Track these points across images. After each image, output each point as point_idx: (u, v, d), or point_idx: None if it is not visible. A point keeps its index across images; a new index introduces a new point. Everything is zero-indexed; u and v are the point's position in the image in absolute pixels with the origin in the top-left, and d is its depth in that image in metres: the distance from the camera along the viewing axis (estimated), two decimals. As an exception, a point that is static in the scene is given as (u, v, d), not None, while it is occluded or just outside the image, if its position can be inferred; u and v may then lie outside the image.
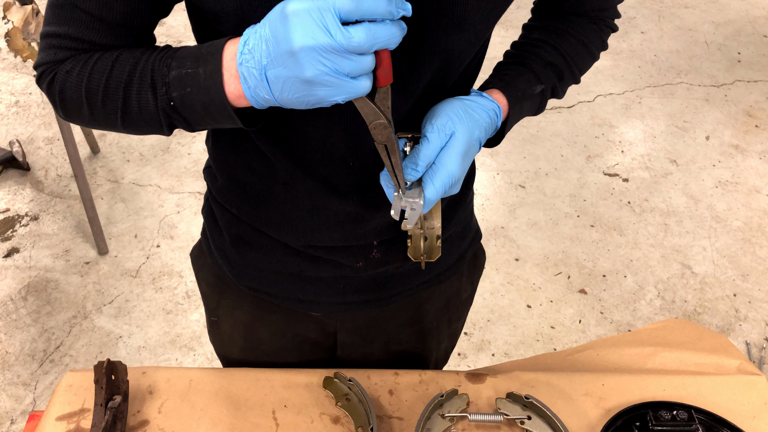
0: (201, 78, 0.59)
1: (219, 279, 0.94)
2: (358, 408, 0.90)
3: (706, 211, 2.56)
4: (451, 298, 1.00)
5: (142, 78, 0.62)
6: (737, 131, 2.95)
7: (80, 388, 0.92)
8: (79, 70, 0.64)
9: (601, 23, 0.85)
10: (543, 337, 2.10)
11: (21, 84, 3.00)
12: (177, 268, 2.25)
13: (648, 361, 1.03)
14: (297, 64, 0.52)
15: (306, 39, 0.51)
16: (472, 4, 0.65)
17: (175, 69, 0.60)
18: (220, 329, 1.02)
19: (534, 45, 0.82)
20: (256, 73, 0.55)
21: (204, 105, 0.60)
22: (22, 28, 1.78)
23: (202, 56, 0.60)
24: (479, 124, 0.70)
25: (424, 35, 0.65)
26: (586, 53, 0.84)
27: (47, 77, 0.68)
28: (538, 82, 0.79)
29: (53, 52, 0.66)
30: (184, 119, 0.63)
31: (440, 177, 0.67)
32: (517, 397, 0.91)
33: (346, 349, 1.00)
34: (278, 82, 0.55)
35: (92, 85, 0.64)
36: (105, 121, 0.67)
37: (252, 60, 0.55)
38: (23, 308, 2.11)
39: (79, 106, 0.66)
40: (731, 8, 3.80)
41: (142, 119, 0.64)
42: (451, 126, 0.67)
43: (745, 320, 2.18)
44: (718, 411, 0.92)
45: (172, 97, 0.61)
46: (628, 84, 3.21)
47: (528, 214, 2.51)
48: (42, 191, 2.51)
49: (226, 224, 0.88)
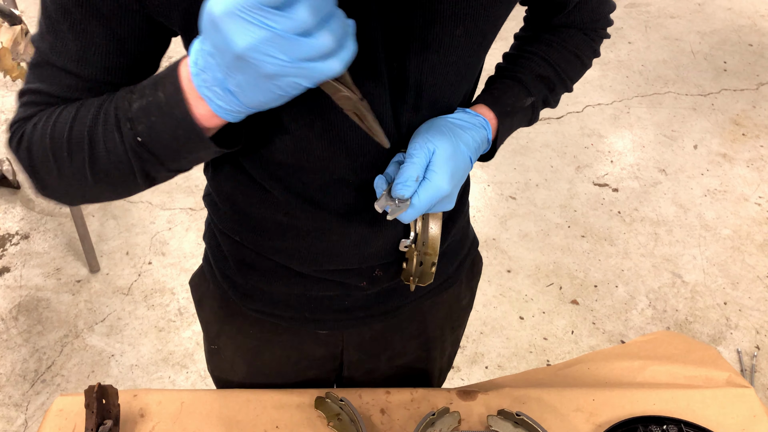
0: (162, 102, 0.55)
1: (223, 304, 0.94)
2: (349, 428, 0.90)
3: (695, 220, 2.58)
4: (452, 305, 1.01)
5: (106, 119, 0.58)
6: (724, 140, 2.98)
7: (71, 413, 0.92)
8: (44, 122, 0.62)
9: (592, 33, 0.85)
10: (536, 348, 2.11)
11: (10, 102, 3.00)
12: (169, 285, 2.24)
13: (638, 375, 1.03)
14: (250, 65, 0.48)
15: (246, 39, 0.46)
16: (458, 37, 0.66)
17: (136, 101, 0.57)
18: (221, 356, 1.01)
19: (524, 57, 0.82)
20: (219, 90, 0.52)
21: (172, 131, 0.56)
22: (11, 48, 1.79)
23: (159, 81, 0.56)
24: (464, 138, 0.70)
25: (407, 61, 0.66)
26: (578, 62, 0.84)
27: (17, 136, 0.65)
28: (528, 95, 0.80)
29: (24, 109, 0.65)
30: (155, 156, 0.58)
31: (426, 190, 0.67)
32: (508, 414, 0.91)
33: (352, 368, 1.00)
34: (242, 90, 0.51)
35: (56, 134, 0.60)
36: (74, 177, 0.62)
37: (209, 78, 0.52)
38: (14, 328, 2.09)
39: (46, 161, 0.62)
40: (716, 18, 3.84)
41: (112, 166, 0.60)
42: (433, 143, 0.68)
43: (735, 328, 2.19)
44: (708, 424, 0.92)
45: (138, 131, 0.57)
46: (617, 94, 3.24)
47: (519, 225, 2.52)
48: (32, 209, 2.50)
49: (230, 250, 0.88)
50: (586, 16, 0.83)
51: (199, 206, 2.54)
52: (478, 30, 0.66)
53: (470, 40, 0.67)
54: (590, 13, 0.83)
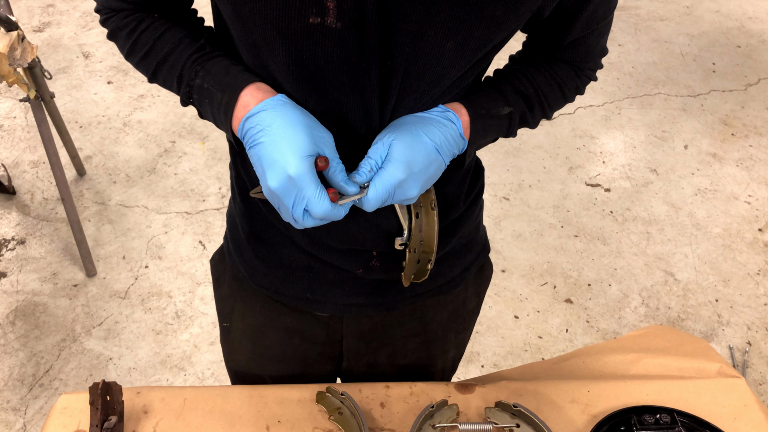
0: (216, 102, 0.72)
1: (236, 281, 0.99)
2: (350, 421, 0.92)
3: (686, 219, 2.62)
4: (457, 308, 1.03)
5: (173, 66, 0.75)
6: (714, 140, 3.02)
7: (75, 410, 0.93)
8: (127, 34, 0.77)
9: (580, 72, 0.87)
10: (531, 347, 2.13)
11: (5, 108, 3.00)
12: (166, 289, 2.25)
13: (632, 367, 1.06)
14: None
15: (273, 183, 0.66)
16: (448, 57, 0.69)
17: (200, 79, 0.73)
18: (231, 335, 1.05)
19: (508, 73, 0.85)
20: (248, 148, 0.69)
21: (213, 116, 0.74)
22: (8, 53, 1.80)
23: (224, 85, 0.71)
24: (428, 130, 0.71)
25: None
26: (559, 92, 0.86)
27: (109, 24, 0.80)
28: (506, 104, 0.81)
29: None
30: (197, 109, 0.77)
31: (380, 177, 0.69)
32: (505, 406, 0.93)
33: (351, 359, 1.02)
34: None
35: (135, 50, 0.78)
36: (139, 68, 0.80)
37: (247, 144, 0.69)
38: (11, 333, 2.10)
39: (126, 55, 0.80)
40: (705, 20, 3.89)
41: (166, 86, 0.79)
42: (391, 135, 0.70)
43: (727, 325, 2.22)
44: (700, 413, 0.95)
45: (192, 96, 0.75)
46: (608, 96, 3.27)
47: (513, 225, 2.55)
48: (28, 215, 2.51)
49: (242, 220, 0.92)
50: (581, 54, 0.85)
51: (195, 210, 2.55)
52: (468, 46, 0.68)
53: (461, 53, 0.69)
54: (585, 53, 0.85)
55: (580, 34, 0.80)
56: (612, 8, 0.79)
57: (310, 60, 0.67)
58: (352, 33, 0.64)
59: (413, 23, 0.64)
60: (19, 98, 2.44)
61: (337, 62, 0.67)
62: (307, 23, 0.64)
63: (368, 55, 0.66)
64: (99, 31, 3.51)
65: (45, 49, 3.34)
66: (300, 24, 0.64)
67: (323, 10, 0.63)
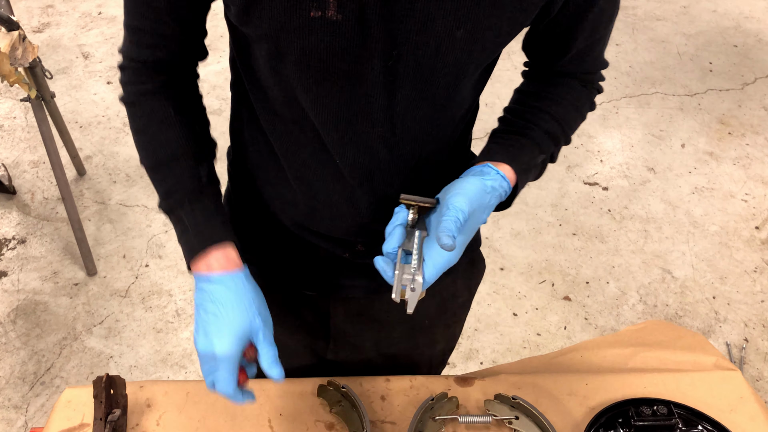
0: (187, 239, 0.78)
1: None
2: (351, 414, 0.93)
3: (683, 217, 2.63)
4: (446, 300, 1.04)
5: (164, 179, 0.80)
6: (711, 138, 3.04)
7: (79, 404, 0.94)
8: (138, 121, 0.81)
9: (590, 86, 0.87)
10: (529, 344, 2.14)
11: (5, 108, 3.01)
12: (166, 287, 2.26)
13: (629, 361, 1.07)
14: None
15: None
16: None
17: (184, 211, 0.79)
18: None
19: (531, 113, 0.84)
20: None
21: (180, 243, 0.80)
22: (9, 53, 1.81)
23: (200, 233, 0.77)
24: (488, 208, 0.74)
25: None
26: (578, 116, 0.87)
27: (129, 94, 0.82)
28: (540, 153, 0.82)
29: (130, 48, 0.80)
30: (168, 218, 0.82)
31: (432, 262, 0.71)
32: (504, 398, 0.94)
33: (338, 339, 1.03)
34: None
35: (140, 142, 0.82)
36: (136, 146, 0.84)
37: (198, 299, 0.77)
38: (12, 331, 2.11)
39: (132, 133, 0.84)
40: (702, 20, 3.91)
41: (149, 176, 0.83)
42: (464, 212, 0.70)
43: (724, 322, 2.23)
44: (697, 405, 0.96)
45: (169, 214, 0.80)
46: (605, 95, 3.29)
47: (511, 224, 2.56)
48: (29, 214, 2.52)
49: (237, 197, 0.96)
50: (588, 65, 0.85)
51: (195, 209, 2.56)
52: (479, 35, 0.68)
53: (471, 41, 0.69)
54: (592, 63, 0.85)
55: (585, 43, 0.80)
56: (616, 12, 0.79)
57: (313, 54, 0.68)
58: (352, 23, 0.65)
59: (418, 10, 0.65)
60: (20, 98, 2.45)
61: (339, 53, 0.67)
62: (308, 17, 0.65)
63: (369, 45, 0.67)
64: (98, 31, 3.52)
65: (45, 50, 3.35)
66: (301, 19, 0.65)
67: (324, 3, 0.64)
